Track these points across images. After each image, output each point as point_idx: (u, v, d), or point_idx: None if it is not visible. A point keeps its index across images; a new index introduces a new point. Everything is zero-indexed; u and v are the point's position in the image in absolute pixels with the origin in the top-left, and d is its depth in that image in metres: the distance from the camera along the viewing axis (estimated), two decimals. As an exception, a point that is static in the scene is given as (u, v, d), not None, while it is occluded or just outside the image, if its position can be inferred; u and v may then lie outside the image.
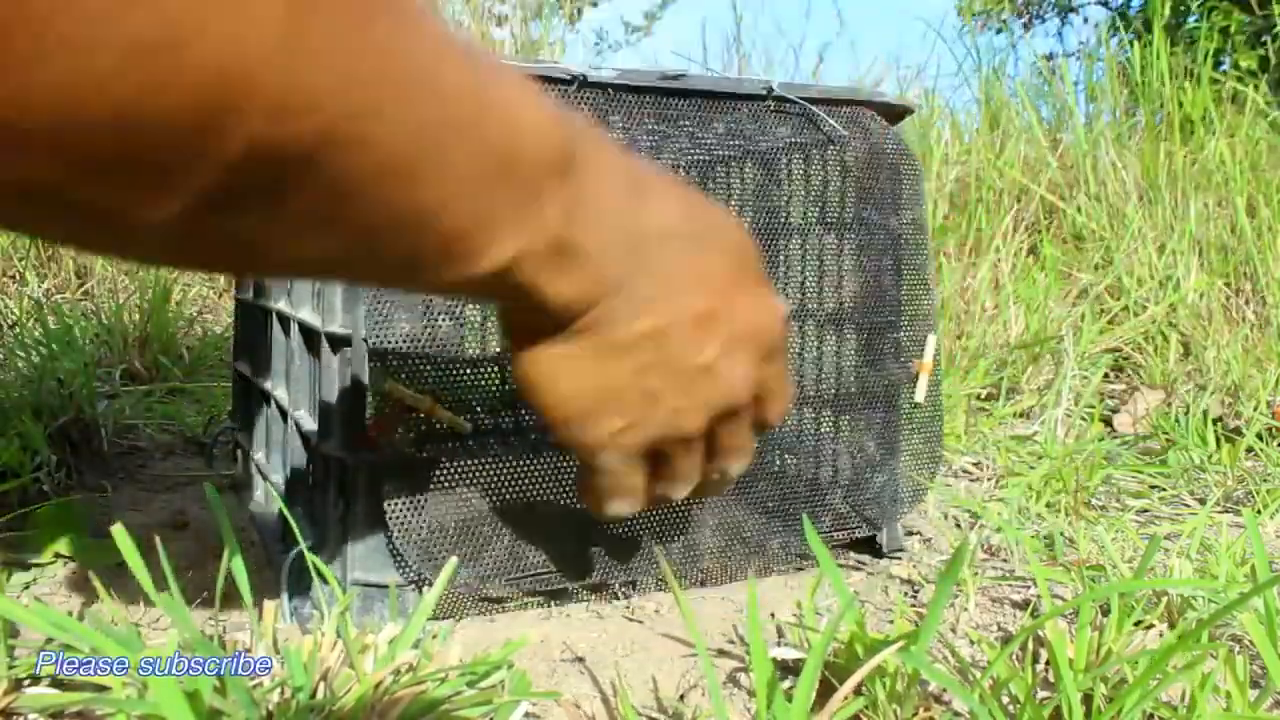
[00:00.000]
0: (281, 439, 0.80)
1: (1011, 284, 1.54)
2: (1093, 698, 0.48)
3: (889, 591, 0.69)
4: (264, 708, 0.42)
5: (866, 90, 0.72)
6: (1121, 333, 1.48)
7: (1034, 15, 4.87)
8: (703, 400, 0.43)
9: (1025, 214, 1.80)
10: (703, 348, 0.42)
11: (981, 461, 1.05)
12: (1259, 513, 0.88)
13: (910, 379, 0.72)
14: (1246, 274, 1.58)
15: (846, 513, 0.71)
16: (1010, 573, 0.72)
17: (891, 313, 0.72)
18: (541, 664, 0.55)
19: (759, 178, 0.72)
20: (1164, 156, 1.82)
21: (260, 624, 0.51)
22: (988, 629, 0.62)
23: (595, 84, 0.60)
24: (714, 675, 0.44)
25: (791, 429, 0.75)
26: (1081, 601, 0.48)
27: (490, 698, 0.45)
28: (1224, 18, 3.31)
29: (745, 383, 0.44)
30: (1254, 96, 1.91)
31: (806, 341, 0.74)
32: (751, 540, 0.68)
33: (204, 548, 0.72)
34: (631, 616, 0.62)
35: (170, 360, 1.37)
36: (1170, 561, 0.67)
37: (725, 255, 0.43)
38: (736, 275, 0.44)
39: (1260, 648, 0.48)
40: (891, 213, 0.72)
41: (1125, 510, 0.88)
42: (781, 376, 0.48)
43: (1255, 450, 1.06)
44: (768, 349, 0.45)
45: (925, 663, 0.42)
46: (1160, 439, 1.11)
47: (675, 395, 0.43)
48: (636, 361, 0.41)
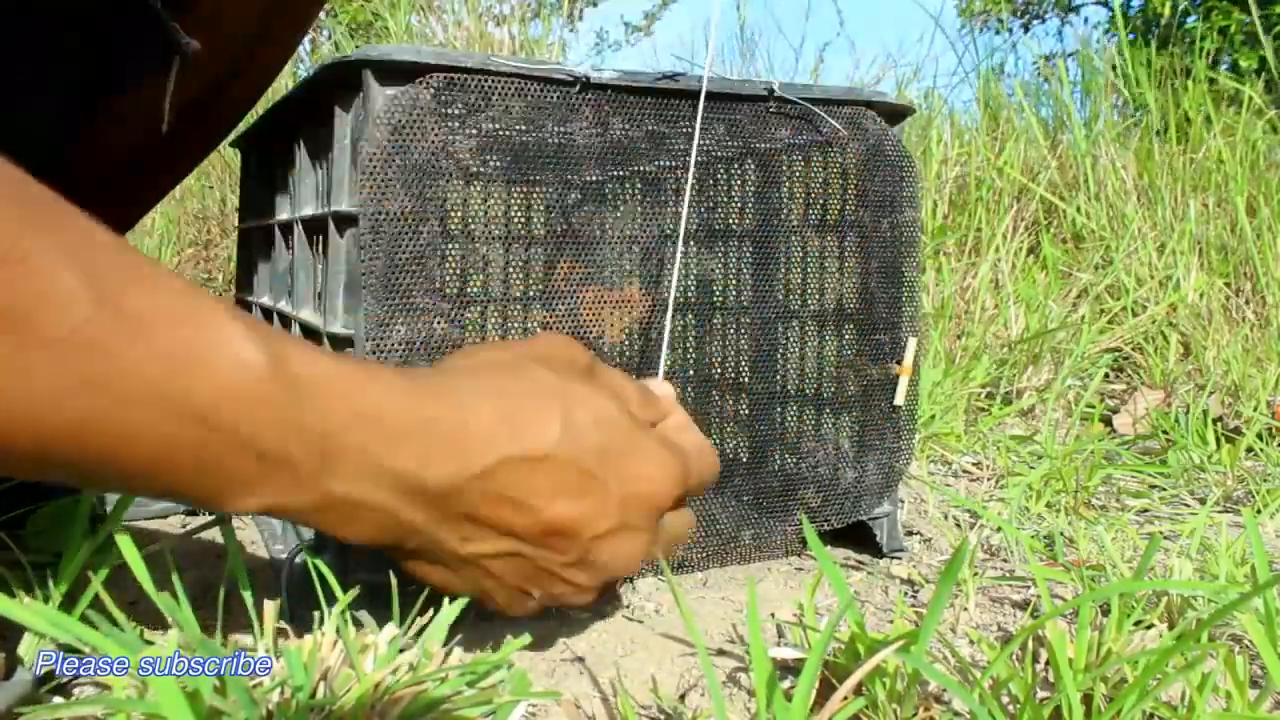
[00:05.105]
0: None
1: (1011, 284, 1.54)
2: (1093, 698, 0.48)
3: (889, 591, 0.69)
4: (264, 707, 0.42)
5: (867, 91, 0.72)
6: (1121, 333, 1.48)
7: (1034, 15, 4.87)
8: (581, 581, 0.45)
9: (1025, 214, 1.80)
10: (565, 551, 0.43)
11: (981, 461, 1.05)
12: (1259, 513, 0.88)
13: (890, 381, 0.73)
14: (1246, 274, 1.58)
15: (818, 506, 0.72)
16: (1010, 573, 0.72)
17: (879, 314, 0.72)
18: (541, 664, 0.55)
19: (758, 178, 0.72)
20: (1162, 157, 1.81)
21: (260, 624, 0.51)
22: (988, 629, 0.62)
23: (597, 85, 0.60)
24: (714, 675, 0.44)
25: (770, 425, 0.75)
26: (1081, 601, 0.48)
27: (490, 697, 0.45)
28: (1224, 18, 3.31)
29: (631, 557, 0.45)
30: (1252, 95, 1.91)
31: (791, 340, 0.74)
32: (725, 532, 0.69)
33: (204, 547, 0.72)
34: (631, 616, 0.62)
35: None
36: (1170, 561, 0.67)
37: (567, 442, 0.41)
38: (595, 457, 0.42)
39: (1260, 648, 0.48)
40: (889, 214, 0.72)
41: (1125, 510, 0.88)
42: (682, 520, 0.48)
43: (1255, 450, 1.06)
44: (658, 510, 0.45)
45: (925, 663, 0.42)
46: (1160, 439, 1.11)
47: (550, 584, 0.44)
48: (492, 569, 0.43)
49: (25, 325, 0.27)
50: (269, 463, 0.33)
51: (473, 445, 0.39)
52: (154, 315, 0.30)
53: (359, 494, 0.37)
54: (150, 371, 0.30)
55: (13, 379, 0.27)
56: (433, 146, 0.56)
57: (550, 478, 0.41)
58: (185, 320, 0.31)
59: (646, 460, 0.44)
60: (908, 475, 0.94)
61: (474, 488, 0.39)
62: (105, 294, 0.29)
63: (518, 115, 0.59)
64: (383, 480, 0.37)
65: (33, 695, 0.47)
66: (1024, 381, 1.36)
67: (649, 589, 0.67)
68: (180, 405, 0.30)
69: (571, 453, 0.41)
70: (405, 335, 0.58)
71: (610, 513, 0.43)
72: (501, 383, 0.42)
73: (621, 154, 0.63)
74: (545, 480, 0.41)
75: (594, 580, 0.45)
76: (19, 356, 0.27)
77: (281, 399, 0.33)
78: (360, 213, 0.54)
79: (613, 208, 0.66)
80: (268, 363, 0.33)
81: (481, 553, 0.42)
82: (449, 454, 0.38)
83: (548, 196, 0.67)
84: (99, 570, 0.49)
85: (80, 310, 0.28)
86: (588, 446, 0.42)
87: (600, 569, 0.44)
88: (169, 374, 0.30)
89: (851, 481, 0.73)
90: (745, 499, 0.71)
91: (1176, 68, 2.10)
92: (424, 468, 0.38)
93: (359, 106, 0.56)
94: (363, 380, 0.36)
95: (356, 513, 0.37)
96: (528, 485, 0.40)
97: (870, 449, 0.73)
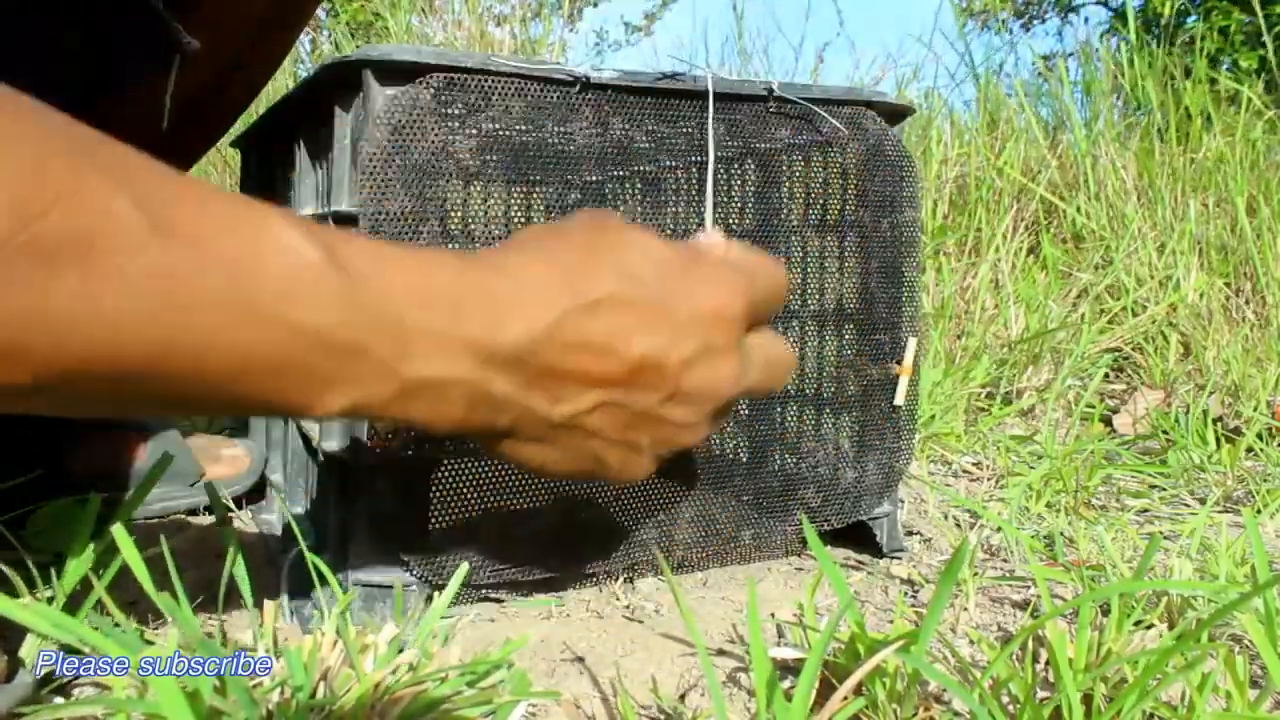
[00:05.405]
0: (283, 439, 0.80)
1: (1011, 284, 1.54)
2: (1093, 698, 0.48)
3: (889, 591, 0.69)
4: (264, 707, 0.42)
5: (867, 91, 0.72)
6: (1121, 333, 1.48)
7: (1034, 15, 4.87)
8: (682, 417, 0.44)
9: (1025, 214, 1.80)
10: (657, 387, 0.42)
11: (981, 461, 1.05)
12: (1259, 513, 0.88)
13: (890, 381, 0.73)
14: (1246, 274, 1.58)
15: (818, 506, 0.72)
16: (1010, 573, 0.72)
17: (879, 314, 0.72)
18: (541, 664, 0.55)
19: (758, 178, 0.72)
20: (1162, 157, 1.81)
21: (260, 624, 0.51)
22: (988, 629, 0.62)
23: (597, 85, 0.60)
24: (714, 675, 0.44)
25: (770, 425, 0.75)
26: (1081, 601, 0.48)
27: (490, 697, 0.45)
28: (1224, 18, 3.31)
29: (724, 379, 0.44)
30: (1252, 96, 1.91)
31: (791, 340, 0.74)
32: (725, 532, 0.69)
33: (204, 547, 0.72)
34: (631, 616, 0.62)
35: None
36: (1170, 561, 0.67)
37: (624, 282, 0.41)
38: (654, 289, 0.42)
39: (1260, 648, 0.48)
40: (889, 214, 0.72)
41: (1125, 510, 0.88)
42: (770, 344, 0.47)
43: (1255, 450, 1.06)
44: (732, 323, 0.44)
45: (925, 663, 0.42)
46: (1160, 439, 1.11)
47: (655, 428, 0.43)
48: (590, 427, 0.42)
49: (88, 255, 0.28)
50: (342, 354, 0.33)
51: (534, 303, 0.39)
52: (207, 227, 0.31)
53: (438, 371, 0.36)
54: (212, 282, 0.30)
55: (85, 308, 0.28)
56: (433, 146, 0.56)
57: (617, 318, 0.40)
58: (237, 226, 0.31)
59: (706, 280, 0.43)
60: (908, 475, 0.94)
61: (546, 343, 0.39)
62: (158, 214, 0.29)
63: (518, 115, 0.59)
64: (457, 352, 0.37)
65: (34, 697, 0.47)
66: (1024, 381, 1.36)
67: (649, 589, 0.67)
68: (246, 309, 0.31)
69: (630, 290, 0.41)
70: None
71: (687, 334, 0.42)
72: (547, 246, 0.42)
73: (621, 154, 0.63)
74: (613, 321, 0.40)
75: (695, 414, 0.44)
76: (86, 286, 0.28)
77: (342, 288, 0.33)
78: (360, 213, 0.54)
79: (613, 208, 0.66)
80: (322, 255, 0.33)
81: (576, 410, 0.41)
82: (513, 316, 0.38)
83: (548, 196, 0.67)
84: (100, 571, 0.49)
85: (137, 233, 0.29)
86: (645, 281, 0.41)
87: (697, 398, 0.43)
88: (231, 281, 0.31)
89: (851, 481, 0.73)
90: (745, 499, 0.71)
91: (1176, 67, 2.10)
92: (493, 332, 0.37)
93: (359, 106, 0.56)
94: (414, 261, 0.37)
95: (442, 393, 0.37)
96: (597, 330, 0.40)
97: (870, 449, 0.73)
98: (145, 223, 0.29)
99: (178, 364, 0.30)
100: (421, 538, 0.59)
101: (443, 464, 0.59)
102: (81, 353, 0.28)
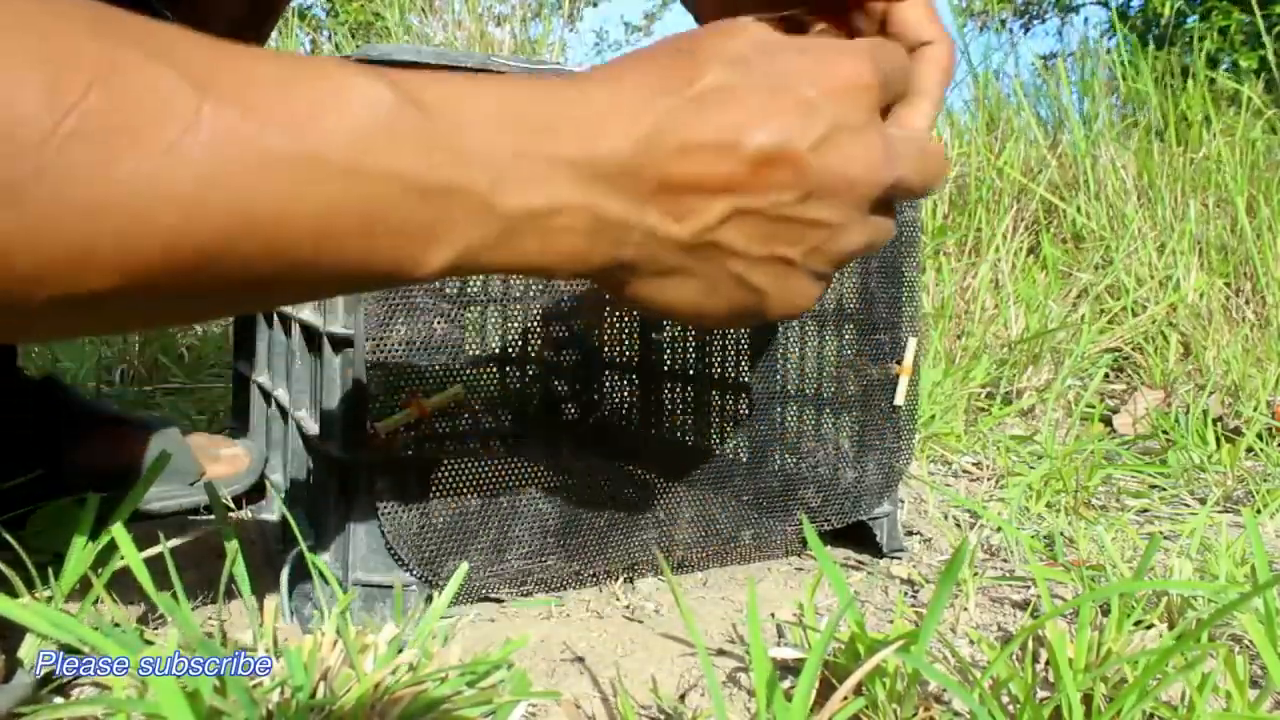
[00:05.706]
0: (282, 439, 0.80)
1: (1011, 284, 1.54)
2: (1093, 698, 0.48)
3: (889, 591, 0.69)
4: (264, 707, 0.42)
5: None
6: (1121, 333, 1.48)
7: (1034, 15, 4.87)
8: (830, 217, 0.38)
9: (1025, 214, 1.80)
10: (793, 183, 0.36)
11: (981, 461, 1.05)
12: (1259, 513, 0.88)
13: (890, 381, 0.73)
14: (1246, 274, 1.58)
15: (818, 506, 0.72)
16: (1010, 573, 0.72)
17: (879, 314, 0.73)
18: (541, 664, 0.55)
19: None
20: (1162, 156, 1.82)
21: (260, 624, 0.51)
22: (988, 629, 0.62)
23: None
24: (714, 675, 0.44)
25: (770, 425, 0.75)
26: (1081, 601, 0.48)
27: (490, 697, 0.45)
28: (1224, 18, 3.31)
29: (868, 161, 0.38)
30: (1252, 95, 1.91)
31: (791, 340, 0.74)
32: (725, 532, 0.69)
33: (204, 547, 0.72)
34: (631, 616, 0.62)
35: (170, 360, 1.37)
36: (1170, 561, 0.67)
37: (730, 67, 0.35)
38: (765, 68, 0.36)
39: (1260, 648, 0.48)
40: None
41: (1125, 510, 0.88)
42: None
43: (1255, 450, 1.06)
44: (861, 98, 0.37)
45: (925, 663, 0.42)
46: (1160, 439, 1.11)
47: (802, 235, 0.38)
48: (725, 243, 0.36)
49: (140, 133, 0.26)
50: (435, 198, 0.30)
51: (630, 107, 0.34)
52: (259, 86, 0.28)
53: (541, 200, 0.32)
54: (274, 141, 0.28)
55: (148, 190, 0.26)
56: (433, 146, 0.55)
57: (729, 108, 0.35)
58: (294, 79, 0.29)
59: (826, 51, 0.37)
60: (908, 475, 0.94)
61: (652, 148, 0.34)
62: (203, 81, 0.27)
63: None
64: (556, 174, 0.33)
65: (33, 697, 0.47)
66: (1024, 381, 1.36)
67: (649, 589, 0.67)
68: (323, 163, 0.28)
69: (739, 76, 0.36)
70: (405, 334, 0.58)
71: (815, 114, 0.36)
72: (636, 55, 0.37)
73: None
74: (725, 113, 0.35)
75: (844, 211, 0.38)
76: (145, 167, 0.26)
77: (421, 125, 0.30)
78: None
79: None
80: (393, 93, 0.30)
81: (705, 224, 0.35)
82: (610, 124, 0.34)
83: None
84: (100, 571, 0.49)
85: (187, 104, 0.26)
86: (755, 65, 0.36)
87: (843, 189, 0.37)
88: (299, 135, 0.28)
89: (851, 481, 0.73)
90: (745, 499, 0.71)
91: (1176, 68, 2.10)
92: (590, 146, 0.33)
93: (359, 106, 0.56)
94: (488, 87, 0.33)
95: (551, 223, 0.33)
96: (708, 125, 0.35)
97: (870, 449, 0.73)
98: (191, 91, 0.26)
99: (257, 239, 0.28)
100: (421, 538, 0.59)
101: (443, 464, 0.59)
102: (155, 241, 0.26)
